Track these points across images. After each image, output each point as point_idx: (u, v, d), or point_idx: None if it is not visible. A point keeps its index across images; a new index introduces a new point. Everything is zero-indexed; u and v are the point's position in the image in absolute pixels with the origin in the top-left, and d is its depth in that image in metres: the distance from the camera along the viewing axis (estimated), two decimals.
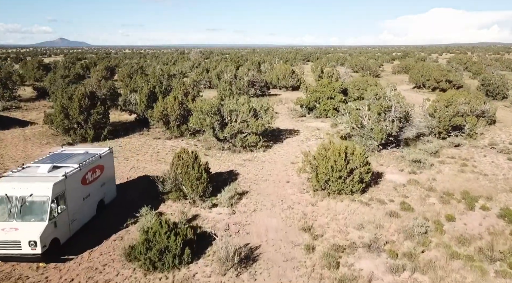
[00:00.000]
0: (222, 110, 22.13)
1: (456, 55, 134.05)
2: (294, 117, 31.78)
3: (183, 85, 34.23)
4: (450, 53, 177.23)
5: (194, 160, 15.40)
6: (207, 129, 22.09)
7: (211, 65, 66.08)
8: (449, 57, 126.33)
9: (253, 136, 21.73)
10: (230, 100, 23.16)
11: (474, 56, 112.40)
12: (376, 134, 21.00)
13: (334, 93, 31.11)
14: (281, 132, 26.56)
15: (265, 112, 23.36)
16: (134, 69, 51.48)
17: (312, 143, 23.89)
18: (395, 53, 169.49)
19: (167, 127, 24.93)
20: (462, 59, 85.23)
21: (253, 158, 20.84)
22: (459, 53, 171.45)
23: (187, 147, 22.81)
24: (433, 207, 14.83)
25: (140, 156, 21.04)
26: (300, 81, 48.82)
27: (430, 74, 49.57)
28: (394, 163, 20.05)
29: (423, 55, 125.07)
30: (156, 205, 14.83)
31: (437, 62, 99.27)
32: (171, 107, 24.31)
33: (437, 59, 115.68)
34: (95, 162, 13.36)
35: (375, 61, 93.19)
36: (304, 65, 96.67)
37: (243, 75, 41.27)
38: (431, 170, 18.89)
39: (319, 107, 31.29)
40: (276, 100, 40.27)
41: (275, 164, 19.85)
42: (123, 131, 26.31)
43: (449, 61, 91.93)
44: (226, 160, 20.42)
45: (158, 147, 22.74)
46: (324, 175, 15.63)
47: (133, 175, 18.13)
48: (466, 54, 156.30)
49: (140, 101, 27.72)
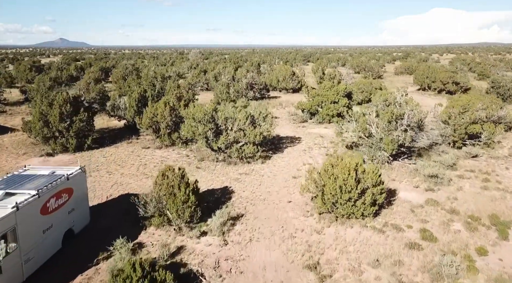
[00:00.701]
0: (216, 117, 19.87)
1: (459, 55, 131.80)
2: (295, 122, 29.52)
3: (177, 88, 32.03)
4: (451, 53, 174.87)
5: (180, 179, 13.16)
6: (199, 138, 19.85)
7: (210, 66, 63.86)
8: (451, 57, 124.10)
9: (250, 147, 19.49)
10: (225, 107, 20.92)
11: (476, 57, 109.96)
12: (387, 145, 18.75)
13: (338, 97, 28.85)
14: (281, 140, 24.31)
15: (264, 120, 21.11)
16: (128, 70, 49.21)
17: (315, 152, 21.64)
18: (396, 53, 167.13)
19: (157, 135, 22.68)
20: (466, 60, 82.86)
21: (250, 171, 18.59)
22: (460, 53, 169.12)
23: (178, 157, 20.61)
24: (459, 235, 12.58)
25: (125, 169, 18.79)
26: (301, 83, 46.57)
27: (435, 76, 47.28)
28: (408, 177, 17.80)
29: (425, 56, 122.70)
30: (136, 232, 12.60)
31: (439, 62, 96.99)
32: (161, 114, 22.06)
33: (439, 59, 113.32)
34: (60, 186, 11.12)
35: (377, 61, 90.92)
36: (305, 66, 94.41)
37: (242, 77, 39.01)
38: (450, 187, 16.63)
39: (322, 112, 29.03)
40: (275, 103, 38.03)
41: (275, 179, 17.60)
42: (110, 139, 24.06)
43: (451, 61, 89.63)
44: (220, 174, 18.17)
45: (146, 158, 20.48)
46: (332, 197, 13.39)
47: (115, 193, 15.89)
48: (467, 54, 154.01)
49: (129, 106, 25.47)
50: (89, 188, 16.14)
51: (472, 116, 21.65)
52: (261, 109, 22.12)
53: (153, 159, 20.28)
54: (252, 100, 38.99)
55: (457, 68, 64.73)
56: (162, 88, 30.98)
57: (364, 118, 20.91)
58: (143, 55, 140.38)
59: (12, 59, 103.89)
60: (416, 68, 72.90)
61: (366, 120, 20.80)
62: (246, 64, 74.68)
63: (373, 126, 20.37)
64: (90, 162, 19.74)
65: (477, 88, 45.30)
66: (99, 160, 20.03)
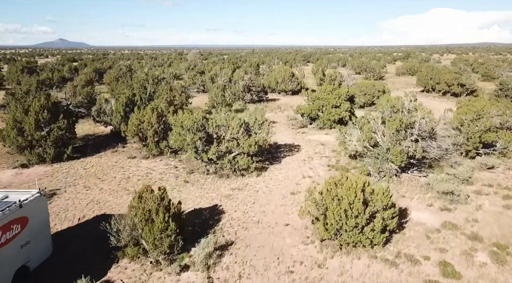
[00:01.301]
0: (207, 125, 17.89)
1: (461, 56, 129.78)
2: (294, 128, 27.53)
3: (170, 91, 30.09)
4: (451, 53, 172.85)
5: (160, 202, 11.21)
6: (188, 149, 17.88)
7: (207, 67, 61.88)
8: (452, 57, 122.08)
9: (244, 158, 17.50)
10: (217, 113, 18.95)
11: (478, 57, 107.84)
12: (395, 156, 16.78)
13: (339, 101, 26.86)
14: (279, 149, 22.34)
15: (260, 127, 19.14)
16: (122, 72, 47.23)
17: (316, 163, 19.67)
18: (396, 53, 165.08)
19: (144, 144, 20.72)
20: (468, 60, 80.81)
21: (244, 185, 16.62)
22: (460, 53, 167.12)
23: (166, 169, 18.64)
24: (486, 270, 10.62)
25: (105, 183, 16.82)
26: (300, 84, 44.58)
27: (440, 77, 45.30)
28: (419, 193, 15.83)
29: (426, 56, 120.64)
30: (106, 266, 10.64)
31: (440, 62, 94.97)
32: (148, 121, 20.09)
33: (440, 60, 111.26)
34: (9, 216, 9.16)
35: (377, 62, 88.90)
36: (304, 66, 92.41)
37: (238, 79, 37.03)
38: (468, 206, 14.67)
39: (323, 116, 27.04)
40: (274, 106, 36.05)
41: (271, 195, 15.62)
42: (94, 148, 22.10)
43: (453, 62, 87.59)
44: (211, 189, 16.20)
45: (131, 170, 18.51)
46: (335, 222, 11.43)
47: (89, 213, 13.92)
48: (467, 55, 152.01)
49: (116, 111, 23.50)
50: (62, 206, 14.24)
51: (487, 123, 19.66)
52: (257, 115, 20.17)
53: (138, 171, 18.30)
54: (250, 103, 37.06)
55: (460, 69, 62.71)
56: (154, 91, 29.03)
57: (369, 126, 18.95)
58: (142, 56, 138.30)
59: (8, 59, 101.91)
60: (418, 69, 70.94)
61: (371, 128, 18.85)
62: (245, 64, 72.73)
63: (379, 135, 18.42)
64: (68, 174, 17.77)
65: (483, 90, 43.34)
66: (78, 173, 18.06)
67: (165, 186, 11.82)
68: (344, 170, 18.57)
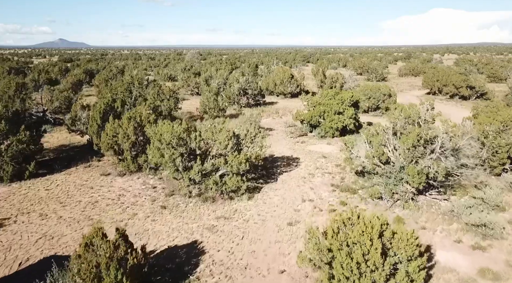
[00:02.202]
0: (189, 139, 15.01)
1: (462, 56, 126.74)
2: (292, 136, 24.63)
3: (157, 95, 27.17)
4: (452, 53, 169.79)
5: (113, 253, 8.38)
6: (167, 167, 15.02)
7: (203, 68, 58.99)
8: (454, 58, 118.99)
9: (233, 178, 14.63)
10: (202, 125, 16.08)
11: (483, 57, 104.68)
12: (412, 177, 13.91)
13: (343, 107, 23.96)
14: (276, 162, 19.47)
15: (252, 140, 16.28)
16: (113, 73, 44.36)
17: (317, 181, 16.80)
18: (396, 53, 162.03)
19: (120, 158, 17.86)
20: (473, 61, 77.81)
21: (232, 212, 13.76)
22: (461, 53, 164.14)
23: (142, 190, 15.77)
24: None
25: (67, 209, 13.96)
26: (300, 87, 41.69)
27: (447, 79, 42.37)
28: (443, 224, 12.96)
29: (427, 56, 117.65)
30: None
31: (441, 63, 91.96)
32: (124, 133, 17.22)
33: (441, 60, 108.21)
34: None
35: (379, 62, 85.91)
36: (304, 67, 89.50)
37: (234, 82, 34.13)
38: (505, 241, 11.80)
39: (325, 124, 24.15)
40: (271, 111, 33.17)
41: (264, 227, 12.75)
42: (65, 161, 19.24)
43: (456, 62, 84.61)
44: (191, 218, 13.34)
45: (101, 192, 15.64)
46: (345, 278, 8.58)
47: (36, 254, 11.06)
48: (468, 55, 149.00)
49: (92, 119, 20.60)
50: (4, 244, 11.40)
51: None
52: (249, 126, 17.32)
53: (109, 193, 15.42)
54: (246, 107, 34.19)
55: (466, 69, 59.76)
56: (140, 96, 26.17)
57: (379, 138, 16.05)
58: (140, 56, 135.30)
59: (3, 60, 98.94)
60: (421, 70, 68.07)
61: (381, 141, 15.96)
62: (243, 65, 69.79)
63: (390, 149, 15.55)
64: (26, 197, 14.90)
65: (494, 93, 40.43)
66: (38, 195, 15.19)
67: (124, 229, 8.95)
68: (351, 191, 15.69)
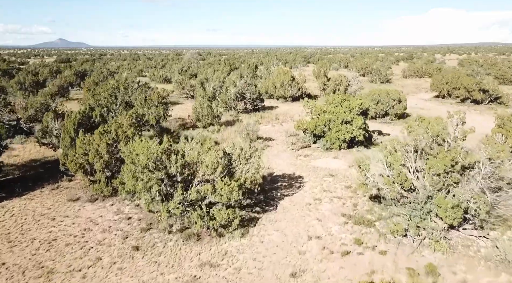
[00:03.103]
0: (168, 163, 12.10)
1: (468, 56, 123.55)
2: (294, 148, 21.74)
3: (144, 102, 24.32)
4: (453, 53, 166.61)
5: None
6: (142, 196, 12.13)
7: (201, 69, 56.04)
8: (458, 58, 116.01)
9: (222, 211, 11.73)
10: (187, 144, 13.16)
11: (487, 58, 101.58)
12: (443, 210, 11.02)
13: (351, 116, 21.05)
14: (275, 182, 16.57)
15: (247, 161, 13.38)
16: (103, 75, 41.46)
17: (325, 210, 13.90)
18: (397, 53, 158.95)
19: (92, 180, 14.96)
20: (478, 61, 74.77)
21: (220, 257, 10.86)
22: (462, 53, 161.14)
23: (115, 222, 12.88)
24: None
25: (14, 252, 11.06)
26: (301, 90, 38.76)
27: (457, 81, 39.43)
28: (488, 274, 10.05)
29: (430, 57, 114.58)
30: None
31: (444, 63, 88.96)
32: (95, 151, 14.32)
33: (444, 60, 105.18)
34: None
35: (382, 63, 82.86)
36: (305, 67, 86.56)
37: (230, 85, 31.19)
38: None
39: (331, 135, 21.24)
40: (271, 117, 30.26)
41: (260, 280, 9.86)
42: (30, 182, 16.34)
43: (461, 63, 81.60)
44: (169, 265, 10.45)
45: (64, 224, 12.75)
46: None
47: None
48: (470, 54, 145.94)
49: (65, 132, 17.67)
50: None
51: None
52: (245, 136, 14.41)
53: (73, 228, 12.52)
54: (243, 113, 31.30)
55: (473, 71, 56.75)
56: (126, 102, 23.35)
57: (399, 159, 13.11)
58: (139, 56, 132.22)
59: None
60: (426, 71, 65.15)
61: (399, 160, 13.03)
62: (242, 65, 66.75)
63: (411, 170, 12.67)
64: None
65: (509, 97, 37.48)
66: None
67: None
68: (366, 224, 12.78)
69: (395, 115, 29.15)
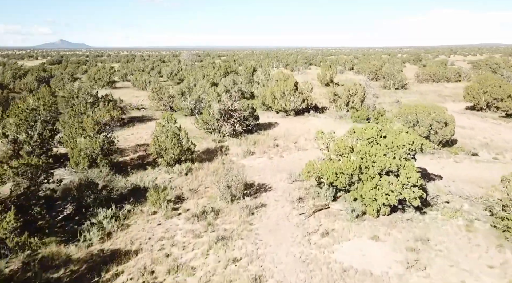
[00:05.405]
0: None
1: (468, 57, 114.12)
2: (304, 212, 12.94)
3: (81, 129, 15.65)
4: (458, 54, 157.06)
5: None
6: None
7: (192, 73, 47.05)
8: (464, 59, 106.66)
9: None
10: None
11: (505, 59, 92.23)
12: None
13: (396, 162, 12.21)
14: None
15: None
16: (63, 82, 32.61)
17: None
18: (400, 55, 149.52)
19: None
20: (499, 63, 65.67)
21: None
22: (467, 54, 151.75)
23: None
24: None
25: None
26: (307, 101, 29.92)
27: (500, 90, 30.56)
28: None
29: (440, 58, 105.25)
30: None
31: (453, 65, 79.83)
32: None
33: (453, 62, 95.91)
34: None
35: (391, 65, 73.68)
36: (307, 70, 77.51)
37: (213, 100, 22.32)
38: None
39: (362, 189, 12.46)
40: (267, 142, 21.45)
41: None
42: None
43: (476, 65, 72.50)
44: None
45: None
46: None
47: None
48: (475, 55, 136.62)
49: None
50: None
51: None
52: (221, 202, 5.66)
53: None
54: (232, 137, 22.50)
55: (502, 75, 47.74)
56: (50, 131, 14.66)
57: None
58: (134, 57, 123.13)
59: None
60: (444, 75, 56.10)
61: None
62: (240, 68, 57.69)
63: None
64: None
65: None
66: None
67: None
68: None
69: (439, 142, 20.32)
